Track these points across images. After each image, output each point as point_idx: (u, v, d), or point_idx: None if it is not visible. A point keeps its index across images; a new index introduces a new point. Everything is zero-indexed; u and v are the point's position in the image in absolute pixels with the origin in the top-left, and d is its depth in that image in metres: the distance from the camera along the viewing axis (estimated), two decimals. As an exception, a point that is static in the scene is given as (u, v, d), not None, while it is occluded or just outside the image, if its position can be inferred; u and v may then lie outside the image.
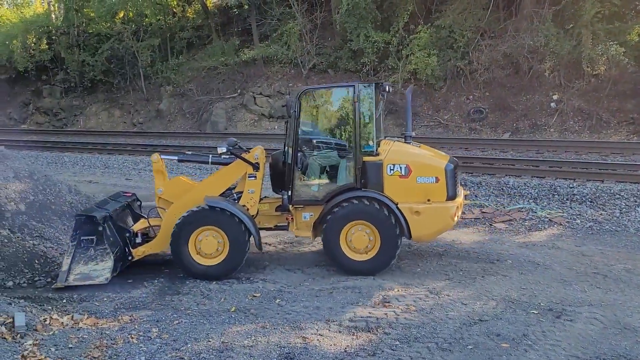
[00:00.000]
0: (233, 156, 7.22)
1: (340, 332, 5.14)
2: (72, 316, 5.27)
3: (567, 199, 10.32)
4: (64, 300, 6.17)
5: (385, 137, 7.81)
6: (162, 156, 7.57)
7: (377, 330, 5.15)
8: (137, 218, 7.71)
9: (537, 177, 11.87)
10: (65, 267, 6.57)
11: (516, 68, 20.34)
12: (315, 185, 7.16)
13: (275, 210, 7.27)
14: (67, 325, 5.04)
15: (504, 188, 11.18)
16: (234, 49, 25.66)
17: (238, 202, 7.16)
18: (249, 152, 7.26)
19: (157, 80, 27.84)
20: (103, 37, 29.49)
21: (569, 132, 18.13)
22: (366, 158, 6.76)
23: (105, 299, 6.18)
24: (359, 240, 6.75)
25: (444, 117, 20.73)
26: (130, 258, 7.10)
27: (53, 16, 33.12)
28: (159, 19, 28.81)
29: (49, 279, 6.94)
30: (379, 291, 6.24)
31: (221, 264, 6.73)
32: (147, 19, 29.15)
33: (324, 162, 7.29)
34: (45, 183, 9.55)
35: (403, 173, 6.67)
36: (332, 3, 24.13)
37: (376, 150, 6.81)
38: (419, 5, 21.99)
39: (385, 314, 5.55)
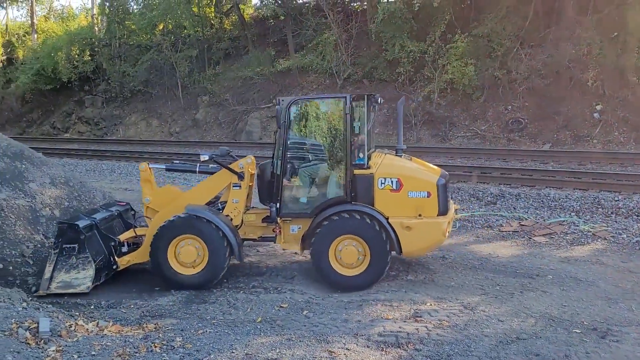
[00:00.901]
0: (225, 164, 7.16)
1: (368, 346, 4.93)
2: (98, 323, 5.24)
3: (611, 213, 9.82)
4: (92, 307, 6.18)
5: (375, 149, 7.58)
6: (151, 165, 7.53)
7: (407, 346, 4.92)
8: (128, 227, 7.66)
9: (579, 189, 11.37)
10: (47, 275, 6.54)
11: (557, 77, 19.71)
12: (304, 197, 6.98)
13: (262, 222, 7.09)
14: (91, 331, 4.99)
15: (544, 200, 10.75)
16: (270, 59, 25.82)
17: (223, 211, 7.06)
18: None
19: (194, 90, 28.25)
20: (143, 49, 30.21)
21: (613, 143, 17.40)
22: (357, 171, 6.59)
23: (132, 306, 6.15)
24: (349, 254, 6.54)
25: (481, 127, 20.26)
26: (115, 267, 7.03)
27: (96, 28, 34.15)
28: (197, 31, 29.29)
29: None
30: (411, 305, 6.00)
31: (200, 273, 6.63)
32: (185, 31, 29.68)
33: (313, 174, 7.14)
34: (81, 189, 9.68)
35: (394, 187, 6.51)
36: (367, 13, 24.05)
37: (367, 163, 6.63)
38: (457, 14, 21.65)
39: (417, 329, 5.30)
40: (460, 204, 11.34)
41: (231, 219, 6.97)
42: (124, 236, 7.24)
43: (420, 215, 6.50)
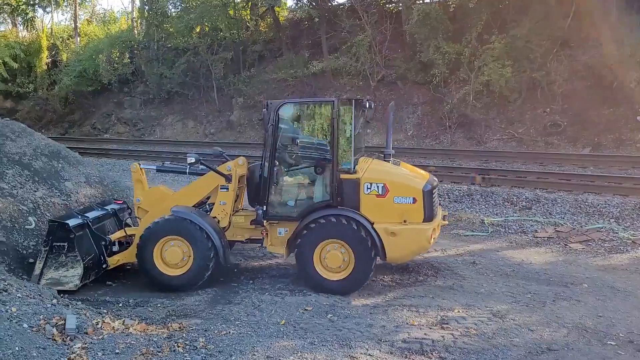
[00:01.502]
0: (211, 167, 7.16)
1: (391, 353, 4.84)
2: (124, 321, 5.29)
3: (653, 220, 9.43)
4: (120, 304, 6.27)
5: (364, 154, 7.53)
6: (142, 165, 7.59)
7: (431, 354, 4.81)
8: (125, 227, 7.69)
9: (619, 195, 10.95)
10: (37, 271, 6.66)
11: (598, 79, 19.08)
12: (290, 200, 6.93)
13: (250, 224, 7.03)
14: (117, 329, 5.05)
15: (582, 206, 10.40)
16: (304, 62, 25.86)
17: (210, 213, 7.06)
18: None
19: (229, 92, 28.55)
20: (180, 51, 30.71)
21: (657, 147, 16.75)
22: (343, 175, 6.54)
23: (159, 305, 6.21)
24: (333, 259, 6.49)
25: (518, 130, 19.80)
26: (105, 266, 7.11)
27: (135, 32, 34.94)
28: (233, 33, 29.60)
29: (109, 282, 7.12)
30: (437, 311, 5.88)
31: (186, 275, 6.66)
32: (221, 33, 30.02)
33: (300, 178, 7.08)
34: (114, 189, 9.91)
35: (380, 192, 6.44)
36: (402, 14, 23.83)
37: (354, 168, 6.56)
38: (493, 15, 21.23)
39: (442, 336, 5.18)
40: (494, 208, 11.10)
41: (218, 221, 7.00)
42: (114, 236, 7.34)
43: (405, 221, 6.42)
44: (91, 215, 7.34)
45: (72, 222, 6.83)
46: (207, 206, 7.33)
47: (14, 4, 36.34)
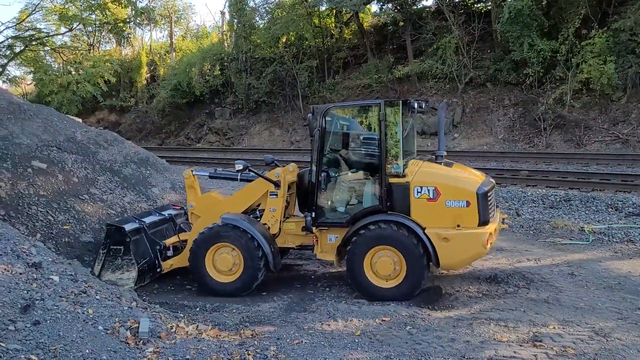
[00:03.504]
0: (259, 173, 7.13)
1: (476, 371, 4.40)
2: (197, 326, 5.25)
3: None
4: (197, 309, 6.29)
5: (416, 156, 7.18)
6: (195, 172, 7.63)
7: (522, 375, 4.32)
8: (180, 232, 7.69)
9: None
10: (96, 272, 6.84)
11: None
12: (339, 206, 6.71)
13: (302, 230, 6.87)
14: (191, 334, 5.00)
15: (701, 213, 9.22)
16: (388, 66, 25.52)
17: (260, 219, 6.96)
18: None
19: (314, 99, 28.74)
20: (267, 61, 31.44)
21: None
22: (392, 179, 6.30)
23: (234, 311, 6.15)
24: (384, 266, 6.27)
25: (623, 131, 18.21)
26: (159, 270, 7.21)
27: (225, 44, 36.25)
28: (318, 41, 29.86)
29: (189, 287, 7.20)
30: (530, 326, 5.32)
31: (236, 282, 6.63)
32: (307, 42, 30.39)
33: (349, 183, 6.84)
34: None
35: (431, 196, 6.16)
36: (492, 12, 22.83)
37: (403, 171, 6.32)
38: (593, 9, 19.76)
39: (535, 355, 4.65)
40: (595, 215, 10.16)
41: (268, 228, 6.92)
42: (169, 241, 7.44)
43: (458, 225, 6.08)
44: (148, 220, 7.54)
45: (128, 227, 7.04)
46: (258, 212, 7.28)
47: (111, 22, 38.94)
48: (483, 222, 6.10)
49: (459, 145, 21.73)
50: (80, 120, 13.20)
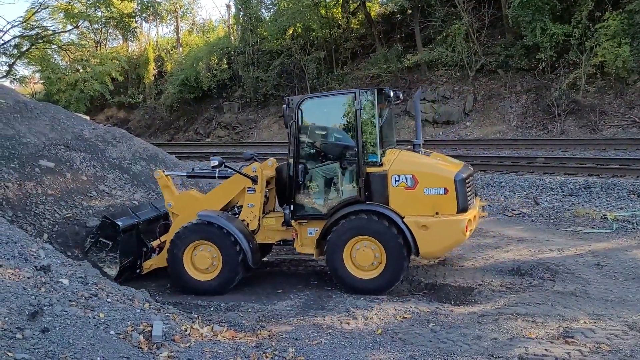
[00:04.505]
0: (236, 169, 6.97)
1: (506, 371, 4.18)
2: (212, 327, 5.07)
3: None
4: (212, 308, 6.11)
5: (394, 146, 7.08)
6: (169, 173, 7.57)
7: (555, 374, 4.09)
8: (161, 233, 7.54)
9: None
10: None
11: None
12: (317, 198, 6.60)
13: (282, 225, 6.78)
14: (206, 337, 4.82)
15: None
16: (397, 56, 25.14)
17: (239, 216, 6.85)
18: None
19: (322, 91, 28.47)
20: (274, 54, 31.18)
21: None
22: (370, 169, 6.25)
23: (250, 310, 5.96)
24: (364, 256, 6.20)
25: (639, 114, 17.79)
26: (138, 271, 7.16)
27: (232, 38, 36.01)
28: (325, 32, 29.53)
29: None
30: (559, 322, 5.09)
31: (216, 279, 6.53)
32: (314, 33, 30.07)
33: (326, 174, 6.69)
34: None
35: (409, 184, 6.11)
36: (502, -3, 22.37)
37: (380, 160, 6.25)
38: (607, -10, 19.27)
39: (568, 352, 4.42)
40: (617, 202, 9.86)
41: (247, 224, 6.80)
42: (155, 243, 7.36)
43: (437, 213, 6.04)
44: (144, 216, 7.46)
45: (122, 224, 6.95)
46: (236, 209, 7.12)
47: (116, 17, 38.79)
48: (462, 209, 6.06)
49: (471, 133, 21.39)
50: (87, 117, 13.06)
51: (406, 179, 6.11)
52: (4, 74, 32.47)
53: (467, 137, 20.90)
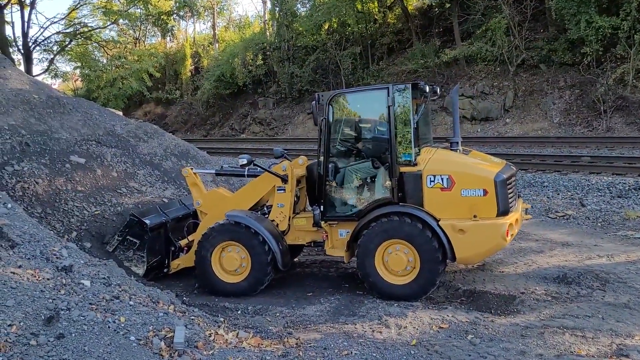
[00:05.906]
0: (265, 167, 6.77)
1: (554, 393, 3.81)
2: (238, 333, 4.84)
3: None
4: (239, 312, 5.90)
5: (430, 144, 6.67)
6: (197, 170, 7.35)
7: (610, 399, 3.70)
8: (189, 232, 7.33)
9: None
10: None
11: None
12: (349, 198, 6.26)
13: (313, 226, 6.45)
14: (230, 343, 4.60)
15: None
16: (434, 51, 24.57)
17: (268, 216, 6.57)
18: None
19: (358, 86, 28.11)
20: (310, 49, 30.95)
21: None
22: (403, 169, 5.92)
23: (278, 314, 5.72)
24: (396, 261, 5.89)
25: (694, 112, 16.81)
26: (166, 270, 7.04)
27: (267, 34, 35.97)
28: (361, 27, 29.12)
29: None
30: (612, 337, 4.67)
31: (244, 281, 6.32)
32: (349, 28, 29.71)
33: (358, 174, 6.33)
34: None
35: (445, 185, 5.75)
36: (545, -11, 21.52)
37: (415, 160, 5.90)
38: (659, -21, 18.25)
39: (622, 373, 4.02)
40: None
41: (276, 224, 6.53)
42: (183, 242, 7.19)
43: (475, 216, 5.67)
44: (172, 214, 7.31)
45: (150, 223, 6.81)
46: (266, 209, 6.89)
47: (154, 14, 39.25)
48: (502, 212, 5.67)
49: (511, 130, 20.68)
50: (120, 113, 13.10)
51: (442, 179, 5.77)
52: (45, 69, 33.23)
53: (507, 135, 20.21)
